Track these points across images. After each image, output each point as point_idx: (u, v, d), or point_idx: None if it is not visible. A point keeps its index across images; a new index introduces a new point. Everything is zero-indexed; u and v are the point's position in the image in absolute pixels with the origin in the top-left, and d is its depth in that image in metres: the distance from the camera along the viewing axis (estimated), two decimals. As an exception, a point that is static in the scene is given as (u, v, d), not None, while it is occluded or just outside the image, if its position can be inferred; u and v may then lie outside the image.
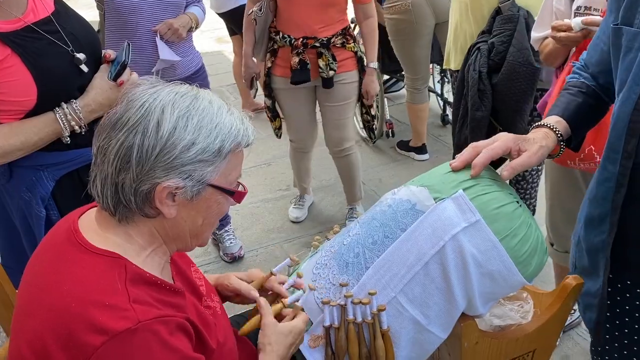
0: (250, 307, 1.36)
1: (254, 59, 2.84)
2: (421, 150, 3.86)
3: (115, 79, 1.57)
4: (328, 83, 2.69)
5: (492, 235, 1.17)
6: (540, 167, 2.51)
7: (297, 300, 1.26)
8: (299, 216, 3.31)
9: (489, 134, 2.34)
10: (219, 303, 1.19)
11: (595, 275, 1.36)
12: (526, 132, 1.35)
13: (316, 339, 1.25)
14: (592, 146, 1.88)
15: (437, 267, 1.18)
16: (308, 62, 2.64)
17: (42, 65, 1.45)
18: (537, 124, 1.32)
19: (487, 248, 1.17)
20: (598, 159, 1.88)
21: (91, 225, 1.02)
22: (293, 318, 1.20)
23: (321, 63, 2.65)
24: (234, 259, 3.00)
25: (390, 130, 4.03)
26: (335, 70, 2.67)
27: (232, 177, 1.02)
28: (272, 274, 1.30)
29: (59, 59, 1.50)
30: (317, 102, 2.90)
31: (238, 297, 1.28)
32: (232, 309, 1.47)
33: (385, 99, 4.09)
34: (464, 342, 1.31)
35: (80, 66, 1.53)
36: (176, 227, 1.01)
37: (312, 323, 1.26)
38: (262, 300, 1.21)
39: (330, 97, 2.78)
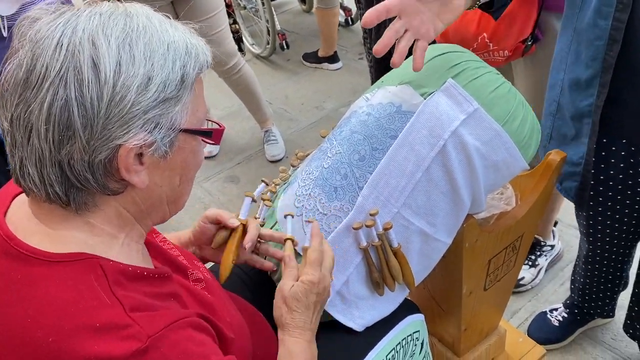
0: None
1: None
2: (334, 59, 3.67)
3: None
4: None
5: (494, 123, 1.05)
6: None
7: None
8: (211, 150, 3.06)
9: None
10: (204, 269, 0.98)
11: (578, 142, 1.32)
12: None
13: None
14: (485, 34, 1.78)
15: (440, 170, 1.06)
16: None
17: None
18: None
19: (490, 137, 1.05)
20: (491, 47, 1.80)
21: (30, 224, 0.74)
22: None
23: None
24: (154, 211, 2.74)
25: (284, 42, 3.78)
26: None
27: (201, 113, 0.78)
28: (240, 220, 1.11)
29: None
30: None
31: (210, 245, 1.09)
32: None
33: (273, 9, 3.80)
34: (465, 243, 1.23)
35: None
36: (150, 197, 0.77)
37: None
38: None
39: (194, 12, 2.48)
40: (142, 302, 0.71)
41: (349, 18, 4.11)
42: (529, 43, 1.69)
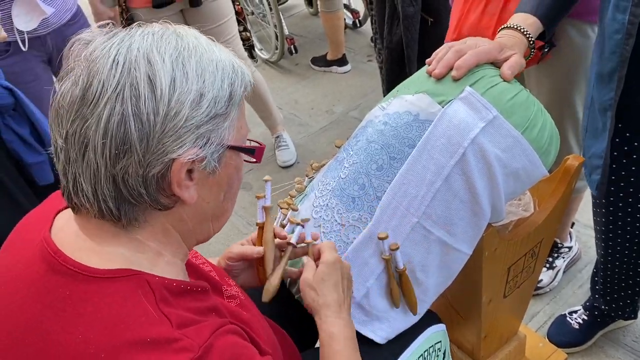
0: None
1: (103, 4, 2.45)
2: (342, 62, 3.66)
3: None
4: (196, 1, 2.39)
5: (514, 130, 1.03)
6: None
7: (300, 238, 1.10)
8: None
9: (422, 29, 2.22)
10: (236, 286, 0.98)
11: (604, 135, 1.31)
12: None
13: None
14: None
15: (460, 179, 1.04)
16: None
17: None
18: (506, 25, 1.16)
19: (510, 145, 1.04)
20: None
21: (77, 240, 0.75)
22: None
23: None
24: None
25: (292, 46, 3.78)
26: None
27: (244, 131, 0.80)
28: (257, 224, 1.11)
29: None
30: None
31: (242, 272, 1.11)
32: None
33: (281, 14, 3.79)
34: (484, 252, 1.21)
35: None
36: (197, 214, 0.79)
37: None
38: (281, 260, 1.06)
39: (203, 19, 2.47)
40: (187, 318, 0.72)
41: (357, 20, 4.09)
42: (546, 50, 1.68)
